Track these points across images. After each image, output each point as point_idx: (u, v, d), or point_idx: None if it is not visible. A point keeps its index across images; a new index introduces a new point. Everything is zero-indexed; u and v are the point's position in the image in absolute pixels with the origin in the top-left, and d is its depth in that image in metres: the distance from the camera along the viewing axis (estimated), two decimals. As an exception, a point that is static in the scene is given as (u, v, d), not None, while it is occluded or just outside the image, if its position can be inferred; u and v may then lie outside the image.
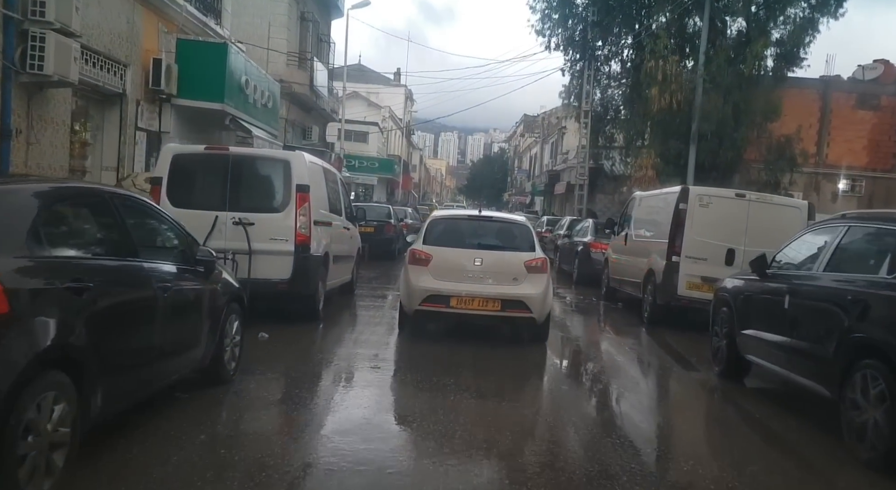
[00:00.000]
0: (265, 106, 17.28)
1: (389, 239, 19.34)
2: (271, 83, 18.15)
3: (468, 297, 8.29)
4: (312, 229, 8.77)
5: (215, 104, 14.17)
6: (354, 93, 48.92)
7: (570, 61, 30.25)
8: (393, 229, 19.50)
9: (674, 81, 23.36)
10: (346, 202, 11.56)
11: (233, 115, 14.85)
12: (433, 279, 8.41)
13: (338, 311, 10.60)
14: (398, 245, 20.37)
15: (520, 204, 59.65)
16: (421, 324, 9.02)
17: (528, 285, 8.39)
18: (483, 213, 9.94)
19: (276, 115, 18.98)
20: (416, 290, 8.43)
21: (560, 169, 37.56)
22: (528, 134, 64.66)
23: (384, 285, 14.61)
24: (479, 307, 8.30)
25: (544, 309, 8.59)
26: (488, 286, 8.35)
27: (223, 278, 5.98)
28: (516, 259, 8.58)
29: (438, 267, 8.46)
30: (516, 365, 8.01)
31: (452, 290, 8.29)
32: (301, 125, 25.20)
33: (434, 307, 8.39)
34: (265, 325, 8.46)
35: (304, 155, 9.22)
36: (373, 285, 14.24)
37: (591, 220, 18.19)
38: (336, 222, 10.26)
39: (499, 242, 8.99)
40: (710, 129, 22.90)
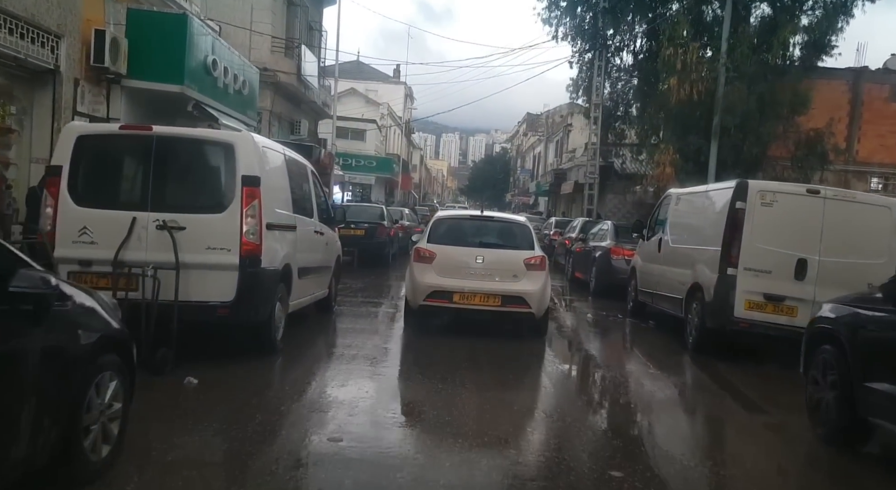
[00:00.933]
0: (239, 92, 15.03)
1: (382, 243, 17.08)
2: (247, 68, 15.90)
3: (470, 293, 8.54)
4: (265, 234, 6.51)
5: (173, 86, 11.94)
6: (352, 89, 46.70)
7: (578, 52, 28.03)
8: (386, 232, 17.23)
9: (694, 71, 21.13)
10: (321, 200, 9.33)
11: (196, 101, 12.60)
12: (437, 276, 8.65)
13: (306, 338, 8.30)
14: (393, 250, 18.09)
15: (522, 204, 57.37)
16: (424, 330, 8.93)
17: (527, 282, 8.62)
18: (485, 213, 10.05)
19: (254, 104, 16.72)
20: (421, 286, 8.66)
21: (567, 167, 35.30)
22: (532, 133, 62.36)
23: (373, 298, 12.34)
24: (480, 303, 8.53)
25: (542, 304, 8.80)
26: (489, 283, 8.59)
27: (86, 319, 3.73)
28: (516, 257, 8.80)
29: (442, 264, 8.70)
30: (524, 411, 5.95)
31: (455, 287, 8.54)
32: (289, 119, 22.94)
33: (438, 303, 8.65)
34: (199, 364, 6.23)
35: (255, 136, 6.92)
36: (359, 299, 11.98)
37: (610, 221, 15.89)
38: (303, 225, 8.01)
39: (500, 241, 9.22)
40: (733, 123, 20.67)
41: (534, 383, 7.22)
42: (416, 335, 8.94)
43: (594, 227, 16.45)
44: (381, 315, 10.79)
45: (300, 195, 8.18)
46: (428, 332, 9.06)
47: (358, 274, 15.36)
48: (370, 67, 55.68)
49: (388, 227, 17.41)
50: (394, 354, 8.10)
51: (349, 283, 13.64)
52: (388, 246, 17.33)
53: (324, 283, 9.30)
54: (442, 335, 9.05)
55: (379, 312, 11.02)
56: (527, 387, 7.09)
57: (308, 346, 7.97)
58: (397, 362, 7.78)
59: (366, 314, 10.57)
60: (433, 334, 9.05)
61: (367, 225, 16.96)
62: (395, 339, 9.04)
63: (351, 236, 16.48)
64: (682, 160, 21.88)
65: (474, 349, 8.20)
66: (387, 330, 9.64)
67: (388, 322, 10.22)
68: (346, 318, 10.01)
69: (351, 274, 15.11)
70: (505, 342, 8.95)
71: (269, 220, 6.64)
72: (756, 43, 21.34)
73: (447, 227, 9.41)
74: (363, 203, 24.59)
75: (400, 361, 7.86)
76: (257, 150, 6.67)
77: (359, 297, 12.15)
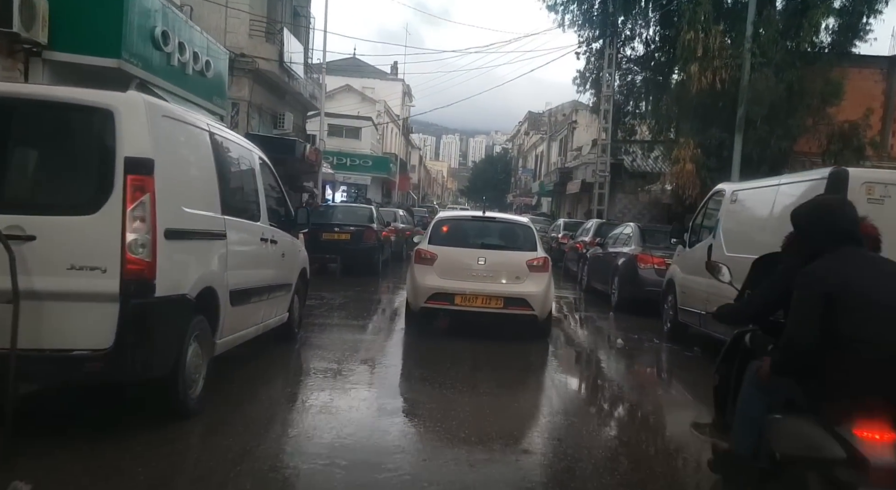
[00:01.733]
0: (201, 75, 12.77)
1: (370, 248, 14.82)
2: (213, 47, 13.63)
3: (472, 295, 8.35)
4: (162, 246, 4.25)
5: (109, 60, 9.68)
6: (347, 86, 44.54)
7: (585, 41, 25.80)
8: (375, 236, 14.96)
9: (717, 57, 18.88)
10: (277, 199, 7.11)
11: (141, 79, 10.35)
12: (438, 278, 8.46)
13: (245, 389, 5.86)
14: (383, 256, 15.84)
15: (524, 205, 55.06)
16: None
17: (530, 284, 8.43)
18: (487, 214, 9.73)
19: (222, 90, 14.47)
20: (422, 288, 8.46)
21: (573, 166, 33.01)
22: (534, 132, 60.08)
23: (355, 319, 10.08)
24: (482, 305, 8.34)
25: (546, 306, 8.60)
26: (491, 284, 8.40)
27: None
28: (519, 258, 8.61)
29: (443, 266, 8.51)
30: None
31: (457, 288, 8.35)
32: (271, 111, 20.68)
33: (439, 305, 8.44)
34: (56, 442, 4.00)
35: (150, 101, 4.62)
36: (336, 321, 9.72)
37: (634, 224, 13.63)
38: (241, 232, 5.76)
39: (502, 242, 8.99)
40: (761, 114, 18.45)
41: (566, 453, 4.97)
42: (416, 350, 7.36)
43: (614, 230, 14.17)
44: (364, 344, 8.47)
45: (237, 190, 5.95)
46: (430, 350, 7.21)
47: (340, 285, 13.12)
48: (367, 64, 53.55)
49: (377, 231, 15.14)
50: (382, 420, 5.30)
51: (327, 298, 11.41)
52: (376, 252, 15.05)
53: (280, 307, 7.05)
54: (449, 368, 6.87)
55: (361, 341, 8.66)
56: (559, 461, 4.84)
57: (245, 404, 5.52)
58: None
59: (341, 344, 8.16)
60: (437, 358, 7.02)
61: (352, 228, 14.74)
62: (384, 384, 6.69)
63: (334, 241, 14.30)
64: (704, 155, 19.68)
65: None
66: (369, 369, 7.12)
67: (372, 354, 7.87)
68: (313, 351, 7.71)
69: (332, 285, 12.87)
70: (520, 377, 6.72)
71: (171, 225, 4.38)
72: (784, 27, 19.17)
73: (448, 228, 9.18)
74: (350, 203, 22.33)
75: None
76: (152, 120, 4.40)
77: (335, 318, 9.88)
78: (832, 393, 3.08)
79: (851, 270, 3.19)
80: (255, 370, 6.48)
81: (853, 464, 2.89)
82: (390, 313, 11.26)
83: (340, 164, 38.43)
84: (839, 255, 3.25)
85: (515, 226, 9.51)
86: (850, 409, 3.00)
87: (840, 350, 3.08)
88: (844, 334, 3.08)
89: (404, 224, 20.80)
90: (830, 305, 3.10)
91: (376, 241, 14.97)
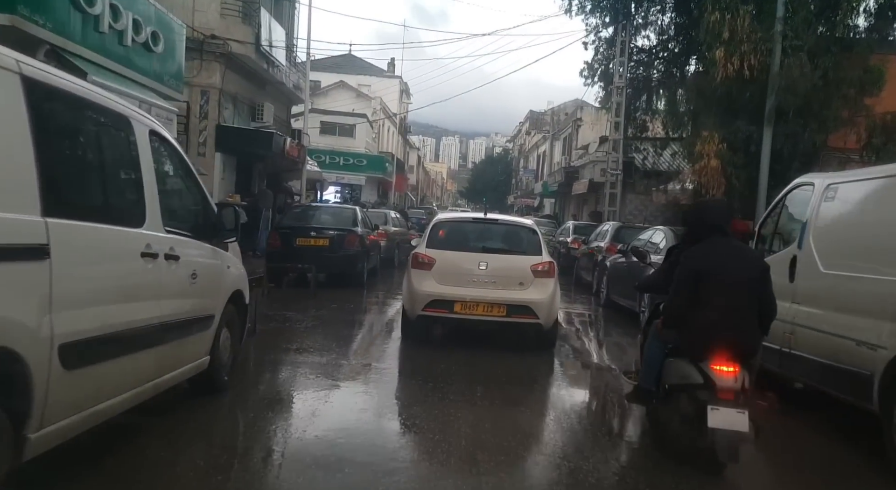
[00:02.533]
0: (146, 49, 10.54)
1: (351, 256, 12.55)
2: (163, 17, 11.37)
3: (472, 302, 7.84)
4: None
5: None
6: (341, 82, 42.40)
7: (594, 29, 23.61)
8: (358, 241, 12.69)
9: (745, 40, 16.67)
10: (186, 190, 4.89)
11: (52, 45, 8.11)
12: (436, 283, 7.97)
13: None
14: (369, 264, 13.58)
15: (526, 207, 52.84)
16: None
17: (534, 290, 7.95)
18: (489, 215, 9.13)
19: (178, 70, 12.22)
20: (419, 294, 7.95)
21: (579, 165, 30.77)
22: (535, 131, 57.88)
23: (324, 352, 7.73)
24: (483, 313, 7.84)
25: (551, 314, 8.07)
26: (493, 291, 7.90)
27: None
28: (522, 263, 8.11)
29: (442, 271, 8.02)
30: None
31: (456, 295, 7.86)
32: (249, 101, 18.44)
33: (437, 312, 7.95)
34: None
35: None
36: (293, 356, 7.40)
37: (665, 228, 11.36)
38: (90, 247, 3.51)
39: (504, 246, 8.58)
40: (795, 105, 16.27)
41: None
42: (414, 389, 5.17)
43: (638, 234, 11.90)
44: (336, 401, 5.89)
45: (93, 177, 3.71)
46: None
47: (315, 302, 10.88)
48: (363, 61, 51.37)
49: (361, 235, 12.86)
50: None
51: (293, 320, 9.19)
52: (359, 260, 12.76)
53: (191, 350, 4.80)
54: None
55: (330, 398, 5.91)
56: None
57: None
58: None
59: (299, 404, 5.78)
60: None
61: (332, 233, 12.51)
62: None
63: (310, 248, 12.07)
64: (730, 151, 17.49)
65: None
66: (330, 448, 4.51)
67: (341, 419, 5.37)
68: (252, 409, 5.43)
69: (302, 302, 10.65)
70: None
71: None
72: (817, 8, 17.01)
73: (448, 231, 8.67)
74: (330, 204, 20.06)
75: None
76: None
77: (293, 352, 7.53)
78: (695, 341, 4.50)
79: (714, 254, 4.58)
80: (146, 455, 4.22)
81: (707, 387, 4.36)
82: (374, 338, 9.03)
83: (333, 164, 36.26)
84: (709, 242, 4.65)
85: (519, 228, 8.95)
86: (707, 352, 4.41)
87: (700, 310, 4.46)
88: (703, 300, 4.48)
89: (397, 227, 18.54)
90: (697, 279, 4.50)
91: (360, 247, 12.71)
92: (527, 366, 7.63)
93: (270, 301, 10.34)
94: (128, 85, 9.63)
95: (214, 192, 16.14)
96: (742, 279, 4.45)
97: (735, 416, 4.20)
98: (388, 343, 8.65)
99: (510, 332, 8.30)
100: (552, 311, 8.02)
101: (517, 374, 7.16)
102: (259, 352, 7.12)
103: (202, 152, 15.94)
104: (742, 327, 4.43)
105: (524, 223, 9.44)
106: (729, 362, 4.32)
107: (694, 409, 4.35)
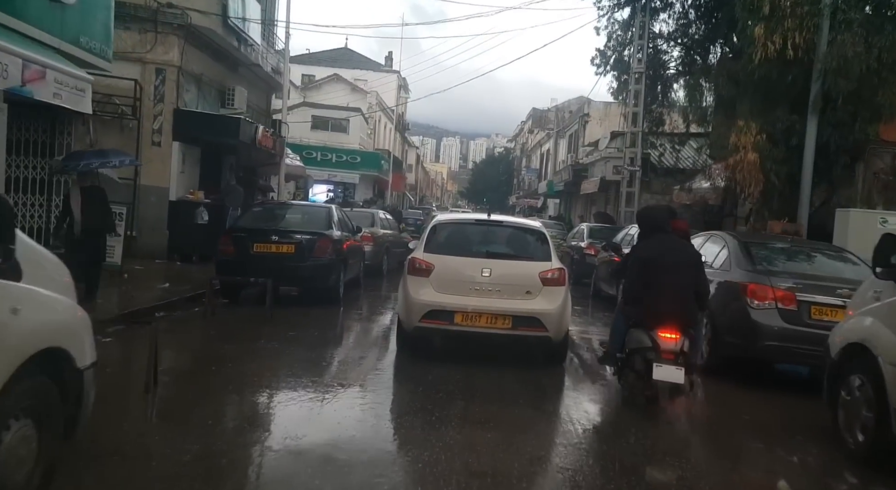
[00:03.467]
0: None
1: (323, 266, 10.01)
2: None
3: (475, 313, 7.11)
4: None
5: None
6: (335, 75, 39.97)
7: (608, 11, 21.18)
8: (331, 248, 10.16)
9: (788, 16, 14.31)
10: None
11: None
12: (435, 292, 7.22)
13: None
14: (347, 275, 11.08)
15: (528, 207, 50.37)
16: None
17: (543, 300, 7.21)
18: (492, 217, 8.56)
19: (105, 31, 9.67)
20: (416, 304, 7.20)
21: (589, 162, 28.28)
22: (538, 129, 55.37)
23: (230, 447, 5.22)
24: (487, 325, 7.12)
25: (562, 326, 7.32)
26: (498, 300, 7.17)
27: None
28: (530, 269, 7.37)
29: (441, 278, 7.28)
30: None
31: (457, 305, 7.13)
32: (218, 84, 15.97)
33: (436, 324, 7.20)
34: None
35: None
36: (178, 455, 4.92)
37: (727, 233, 8.88)
38: None
39: (510, 250, 7.86)
40: (846, 89, 13.91)
41: None
42: None
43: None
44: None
45: None
46: None
47: (266, 327, 8.37)
48: (360, 56, 49.00)
49: (335, 240, 10.34)
50: None
51: (218, 362, 6.67)
52: (333, 271, 10.20)
53: None
54: None
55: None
56: None
57: None
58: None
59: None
60: None
61: (298, 237, 10.01)
62: None
63: (270, 256, 9.63)
64: (769, 143, 15.09)
65: None
66: None
67: None
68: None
69: (249, 329, 8.17)
70: None
71: None
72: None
73: (448, 234, 7.92)
74: (301, 203, 17.49)
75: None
76: None
77: (186, 439, 4.92)
78: (646, 314, 5.60)
79: (657, 247, 5.83)
80: None
81: (654, 349, 5.47)
82: (337, 409, 5.61)
83: (326, 161, 33.82)
84: (654, 238, 5.94)
85: (526, 231, 8.27)
86: (655, 323, 5.52)
87: (648, 290, 5.59)
88: (649, 282, 5.61)
89: (386, 229, 16.04)
90: (644, 265, 5.72)
91: (334, 255, 10.19)
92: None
93: (208, 325, 7.91)
94: (17, 42, 7.14)
95: (172, 187, 13.69)
96: (680, 266, 5.67)
97: (674, 372, 5.35)
98: (365, 423, 5.24)
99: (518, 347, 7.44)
100: (563, 323, 7.33)
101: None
102: (120, 436, 4.55)
103: (157, 140, 13.50)
104: (681, 304, 5.57)
105: (532, 225, 8.68)
106: (671, 330, 5.46)
107: (644, 367, 5.49)
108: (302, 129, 34.28)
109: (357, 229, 12.13)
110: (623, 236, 13.10)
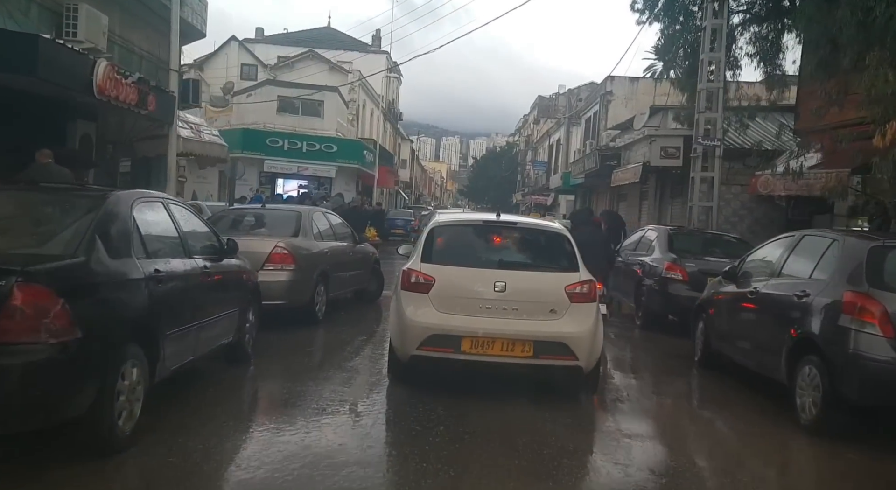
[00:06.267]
0: None
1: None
2: None
3: (487, 339, 5.64)
4: None
5: None
6: (311, 52, 33.44)
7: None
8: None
9: None
10: None
11: None
12: (437, 312, 5.75)
13: None
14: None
15: (537, 205, 43.83)
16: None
17: (570, 320, 5.77)
18: (503, 217, 6.66)
19: None
20: (413, 327, 5.72)
21: (623, 143, 21.67)
22: (545, 119, 48.79)
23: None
24: (502, 352, 5.64)
25: (594, 353, 5.85)
26: (515, 322, 5.73)
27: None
28: (554, 282, 5.95)
29: (444, 294, 5.82)
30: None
31: (465, 328, 5.66)
32: (126, 43, 9.33)
33: (438, 352, 5.70)
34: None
35: None
36: None
37: None
38: None
39: (528, 259, 6.42)
40: None
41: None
42: None
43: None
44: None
45: None
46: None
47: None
48: (344, 35, 42.39)
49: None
50: None
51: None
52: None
53: None
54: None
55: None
56: None
57: None
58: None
59: None
60: None
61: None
62: None
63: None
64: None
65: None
66: None
67: None
68: None
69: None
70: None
71: None
72: None
73: (451, 239, 6.36)
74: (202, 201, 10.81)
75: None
76: None
77: None
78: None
79: (584, 234, 8.23)
80: None
81: None
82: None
83: (294, 151, 27.28)
84: (581, 229, 8.91)
85: (546, 234, 6.61)
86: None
87: (587, 260, 6.58)
88: (585, 255, 6.46)
89: (330, 241, 9.46)
90: (580, 245, 6.50)
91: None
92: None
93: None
94: None
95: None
96: (595, 244, 8.63)
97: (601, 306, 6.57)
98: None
99: None
100: (594, 349, 5.81)
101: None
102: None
103: None
104: (598, 265, 7.60)
105: (552, 228, 6.80)
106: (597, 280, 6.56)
107: None
108: (266, 111, 27.71)
109: (227, 247, 5.63)
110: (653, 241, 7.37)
